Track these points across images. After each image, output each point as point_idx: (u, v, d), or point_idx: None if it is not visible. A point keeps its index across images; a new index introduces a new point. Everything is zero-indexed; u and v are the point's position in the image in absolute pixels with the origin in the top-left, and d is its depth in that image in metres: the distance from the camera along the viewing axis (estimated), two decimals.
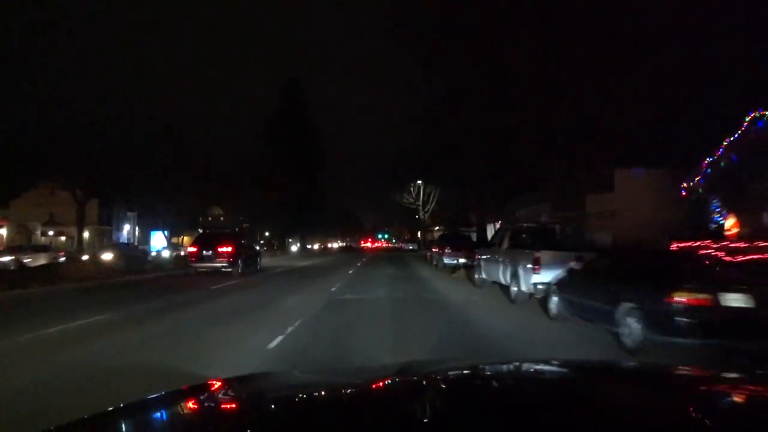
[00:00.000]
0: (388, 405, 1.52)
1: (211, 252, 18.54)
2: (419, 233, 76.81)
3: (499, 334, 8.03)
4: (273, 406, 1.58)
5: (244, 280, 17.57)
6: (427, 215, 54.00)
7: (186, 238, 61.92)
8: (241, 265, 18.93)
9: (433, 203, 53.08)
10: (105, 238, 45.27)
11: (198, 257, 18.95)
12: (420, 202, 53.91)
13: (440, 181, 43.88)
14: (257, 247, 27.79)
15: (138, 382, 4.94)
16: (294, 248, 61.77)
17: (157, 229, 49.73)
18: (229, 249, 18.62)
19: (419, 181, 52.00)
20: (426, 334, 7.70)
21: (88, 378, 5.19)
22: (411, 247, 55.57)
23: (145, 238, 53.18)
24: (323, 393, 1.75)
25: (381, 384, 1.79)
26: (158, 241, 52.31)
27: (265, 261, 27.60)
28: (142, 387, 4.49)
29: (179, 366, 5.58)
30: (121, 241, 49.77)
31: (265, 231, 54.24)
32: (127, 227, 52.16)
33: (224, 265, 18.40)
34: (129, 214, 52.99)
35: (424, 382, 1.80)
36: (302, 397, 1.70)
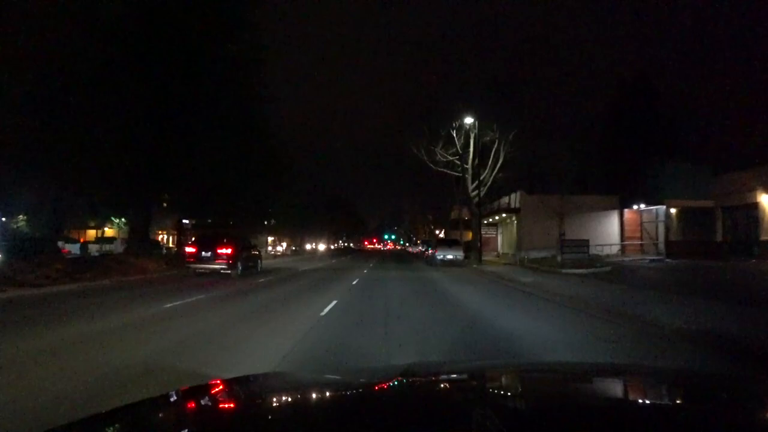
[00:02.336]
0: (392, 406, 1.50)
1: (210, 253, 18.25)
2: (442, 229, 50.17)
3: None
4: (279, 406, 1.56)
5: None
6: (483, 190, 26.62)
7: (110, 231, 42.75)
8: (240, 268, 18.60)
9: (497, 168, 26.09)
10: None
11: (197, 258, 18.42)
12: (469, 165, 26.80)
13: None
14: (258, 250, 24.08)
15: None
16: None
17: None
18: (229, 251, 18.26)
19: (468, 120, 25.29)
20: None
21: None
22: (451, 257, 26.28)
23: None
24: (328, 393, 1.73)
25: (386, 385, 1.76)
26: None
27: None
28: None
29: None
30: None
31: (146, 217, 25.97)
32: None
33: (223, 267, 18.08)
34: None
35: (428, 383, 1.84)
36: (308, 397, 1.69)
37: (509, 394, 1.69)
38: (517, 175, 29.51)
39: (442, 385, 1.80)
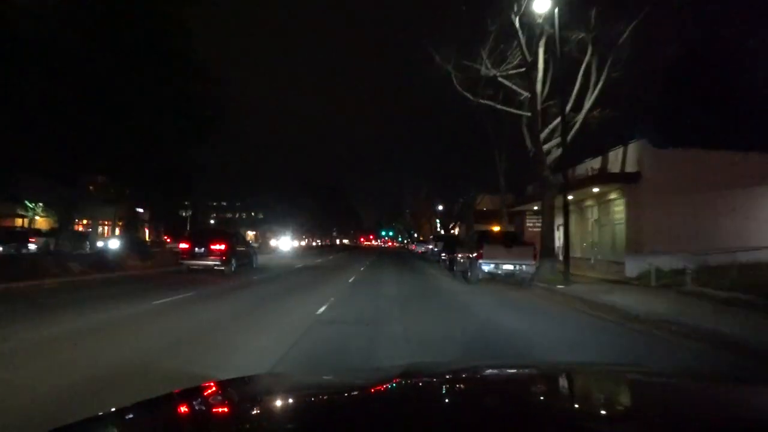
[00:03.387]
0: (391, 407, 1.47)
1: (203, 249, 18.55)
2: (456, 221, 36.34)
3: None
4: (275, 409, 1.55)
5: None
6: (570, 136, 13.62)
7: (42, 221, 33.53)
8: (234, 264, 19.03)
9: (594, 98, 12.47)
10: None
11: (190, 254, 18.81)
12: (538, 92, 13.59)
13: None
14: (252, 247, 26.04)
15: None
16: None
17: None
18: (222, 247, 18.60)
19: (540, 5, 11.70)
20: None
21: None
22: (511, 267, 14.11)
23: None
24: (325, 395, 1.70)
25: (383, 387, 1.75)
26: None
27: None
28: None
29: None
30: None
31: None
32: None
33: (217, 263, 18.43)
34: None
35: (428, 385, 1.82)
36: (306, 398, 1.66)
37: (510, 394, 1.66)
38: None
39: (441, 387, 1.79)
